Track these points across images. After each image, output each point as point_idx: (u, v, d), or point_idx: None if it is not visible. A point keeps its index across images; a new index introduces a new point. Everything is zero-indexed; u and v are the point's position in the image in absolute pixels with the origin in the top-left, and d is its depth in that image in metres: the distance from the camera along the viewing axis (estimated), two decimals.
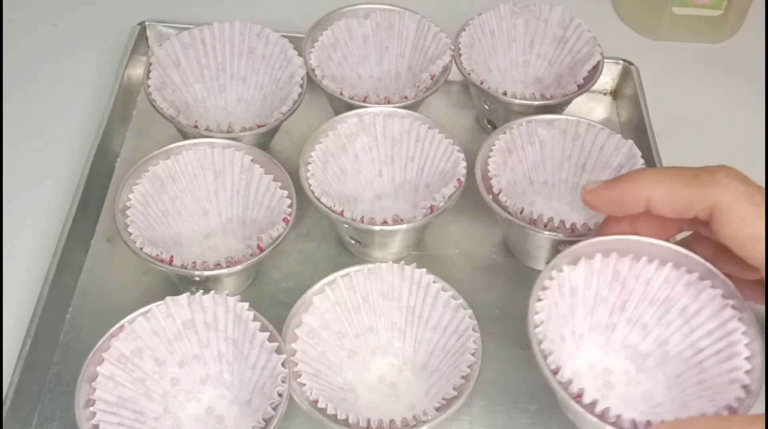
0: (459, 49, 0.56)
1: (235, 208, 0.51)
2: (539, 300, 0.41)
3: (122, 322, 0.42)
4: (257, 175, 0.49)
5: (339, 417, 0.40)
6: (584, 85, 0.55)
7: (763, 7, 0.69)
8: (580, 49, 0.57)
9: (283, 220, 0.47)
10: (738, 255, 0.37)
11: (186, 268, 0.45)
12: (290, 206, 0.47)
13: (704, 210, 0.37)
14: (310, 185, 0.48)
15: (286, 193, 0.48)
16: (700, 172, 0.38)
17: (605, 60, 0.56)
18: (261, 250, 0.46)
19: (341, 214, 0.47)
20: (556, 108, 0.55)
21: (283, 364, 0.41)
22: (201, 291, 0.43)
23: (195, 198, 0.50)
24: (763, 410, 0.35)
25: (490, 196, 0.49)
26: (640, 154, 0.50)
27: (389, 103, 0.53)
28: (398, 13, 0.58)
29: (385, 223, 0.47)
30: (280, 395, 0.40)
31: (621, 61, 0.61)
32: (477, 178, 0.49)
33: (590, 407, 0.37)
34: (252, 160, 0.49)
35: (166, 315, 0.43)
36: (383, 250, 0.51)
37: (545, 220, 0.47)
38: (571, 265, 0.42)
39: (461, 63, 0.56)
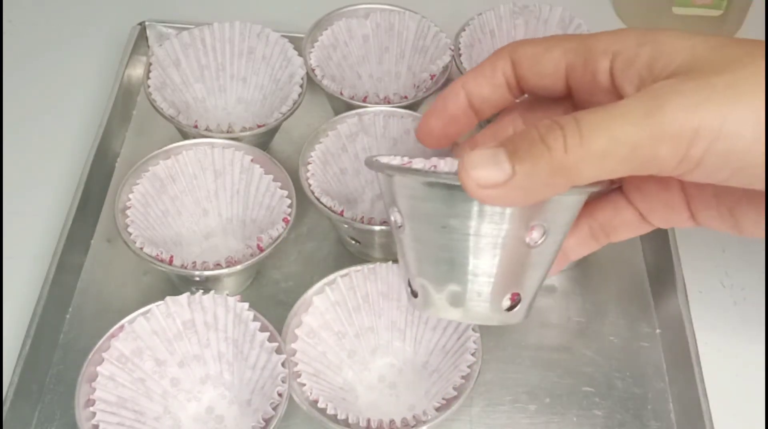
0: (459, 49, 0.56)
1: (235, 208, 0.51)
2: None
3: (122, 322, 0.42)
4: (257, 175, 0.49)
5: (339, 417, 0.40)
6: None
7: (763, 7, 0.69)
8: None
9: (283, 220, 0.47)
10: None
11: (186, 268, 0.45)
12: (290, 206, 0.47)
13: (507, 63, 0.37)
14: (310, 185, 0.48)
15: (286, 193, 0.48)
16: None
17: None
18: (261, 250, 0.46)
19: (341, 214, 0.47)
20: None
21: (283, 364, 0.41)
22: (201, 291, 0.43)
23: (195, 198, 0.50)
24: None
25: None
26: None
27: (389, 103, 0.53)
28: (398, 13, 0.58)
29: (385, 223, 0.47)
30: (280, 395, 0.40)
31: None
32: None
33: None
34: (252, 160, 0.49)
35: (166, 315, 0.43)
36: (383, 250, 0.51)
37: None
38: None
39: (461, 63, 0.56)
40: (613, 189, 0.39)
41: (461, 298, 0.35)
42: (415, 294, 0.37)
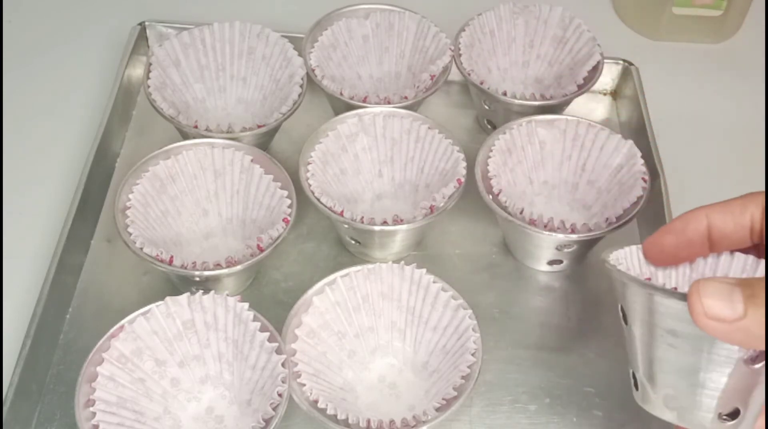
0: (459, 49, 0.56)
1: (235, 208, 0.51)
2: None
3: (122, 322, 0.42)
4: (257, 175, 0.49)
5: (339, 417, 0.40)
6: (584, 86, 0.55)
7: (763, 7, 0.69)
8: (580, 50, 0.57)
9: (283, 220, 0.47)
10: None
11: (186, 268, 0.45)
12: (290, 206, 0.47)
13: (758, 208, 0.37)
14: (310, 185, 0.48)
15: (286, 193, 0.48)
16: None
17: (605, 60, 0.56)
18: (261, 250, 0.46)
19: (341, 214, 0.47)
20: (556, 108, 0.55)
21: (283, 365, 0.41)
22: (201, 291, 0.43)
23: (195, 198, 0.50)
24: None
25: (490, 196, 0.49)
26: (639, 154, 0.50)
27: (389, 103, 0.53)
28: (398, 14, 0.58)
29: (385, 223, 0.47)
30: (280, 395, 0.40)
31: (621, 62, 0.61)
32: (477, 178, 0.49)
33: None
34: (252, 160, 0.49)
35: (166, 315, 0.43)
36: (383, 251, 0.51)
37: (545, 220, 0.47)
38: None
39: (461, 63, 0.56)
40: None
41: (677, 404, 0.35)
42: (636, 386, 0.37)
